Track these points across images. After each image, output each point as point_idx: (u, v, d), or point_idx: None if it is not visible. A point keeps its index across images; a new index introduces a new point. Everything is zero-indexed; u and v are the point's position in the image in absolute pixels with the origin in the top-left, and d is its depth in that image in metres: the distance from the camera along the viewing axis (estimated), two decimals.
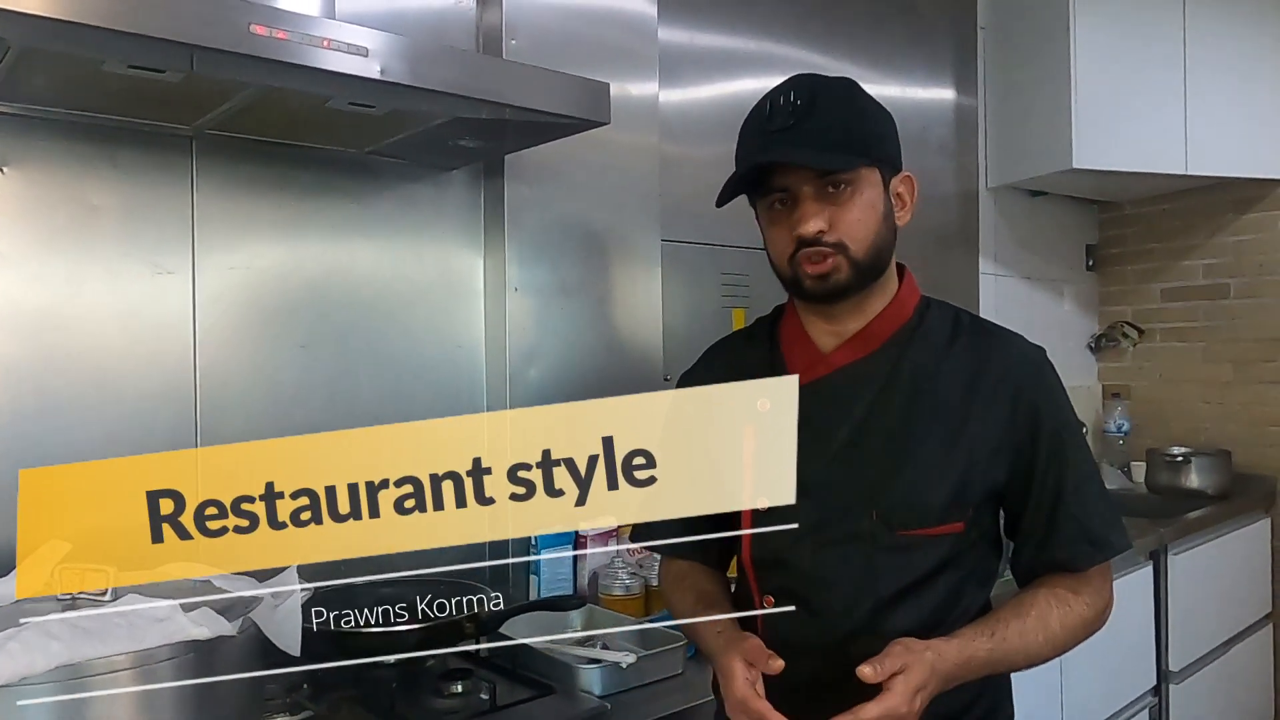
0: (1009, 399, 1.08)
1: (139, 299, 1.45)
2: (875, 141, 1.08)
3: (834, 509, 1.08)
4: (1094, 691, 2.39)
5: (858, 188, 1.06)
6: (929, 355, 1.11)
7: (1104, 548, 1.08)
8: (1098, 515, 1.08)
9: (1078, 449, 1.10)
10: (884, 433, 1.08)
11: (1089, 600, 1.08)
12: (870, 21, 2.64)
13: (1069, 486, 1.07)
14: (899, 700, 0.95)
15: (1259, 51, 3.02)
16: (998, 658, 1.03)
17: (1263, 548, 3.11)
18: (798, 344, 1.17)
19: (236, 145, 1.53)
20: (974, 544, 1.09)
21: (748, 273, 2.26)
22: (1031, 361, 1.12)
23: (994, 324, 1.17)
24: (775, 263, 1.13)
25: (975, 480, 1.07)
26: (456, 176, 1.80)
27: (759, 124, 1.08)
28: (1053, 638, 1.06)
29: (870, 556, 1.06)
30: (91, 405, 1.41)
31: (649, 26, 2.00)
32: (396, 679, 1.39)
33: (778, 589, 1.12)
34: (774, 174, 1.06)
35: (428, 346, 1.76)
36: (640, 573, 1.76)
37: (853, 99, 1.09)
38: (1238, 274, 3.23)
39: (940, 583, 1.07)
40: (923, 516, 1.06)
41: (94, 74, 1.20)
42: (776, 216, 1.09)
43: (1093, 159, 2.88)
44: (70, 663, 0.92)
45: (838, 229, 1.05)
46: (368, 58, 1.20)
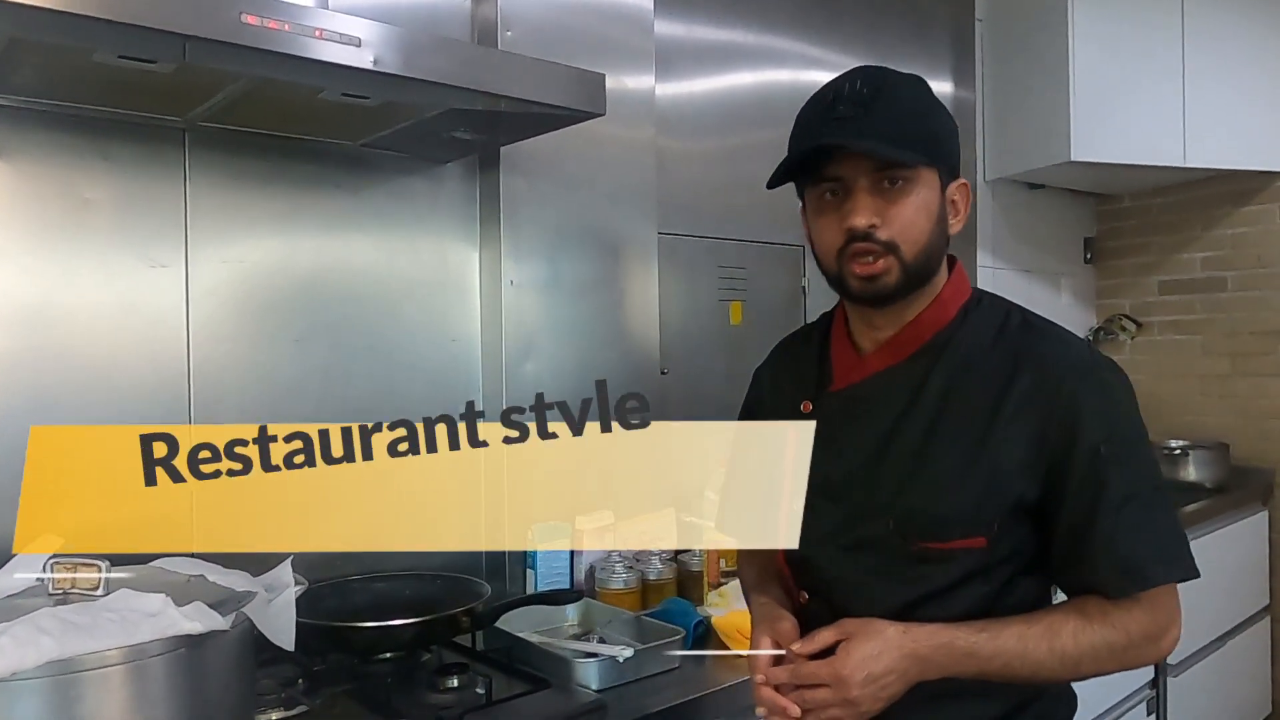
0: (1042, 407, 1.00)
1: (132, 293, 1.44)
2: (938, 142, 1.05)
3: (855, 515, 1.08)
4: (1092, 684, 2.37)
5: (915, 187, 1.02)
6: (963, 362, 1.06)
7: (1138, 578, 0.98)
8: (1141, 541, 0.98)
9: (1126, 467, 0.99)
10: (907, 444, 1.05)
11: (1120, 625, 0.99)
12: (868, 14, 2.62)
13: (1106, 508, 0.98)
14: (843, 664, 0.98)
15: (1257, 43, 3.01)
16: (987, 653, 0.98)
17: (1260, 540, 3.11)
18: (841, 345, 1.16)
19: (229, 137, 1.52)
20: (1003, 560, 1.03)
21: (744, 266, 2.25)
22: (1077, 370, 1.02)
23: (1048, 324, 1.09)
24: (821, 257, 1.09)
25: (999, 495, 1.01)
26: (452, 169, 1.79)
27: (821, 109, 1.04)
28: (1061, 651, 0.98)
29: (888, 564, 1.06)
30: (84, 399, 1.40)
31: (645, 19, 1.99)
32: (392, 673, 1.38)
33: (809, 586, 1.15)
34: (829, 163, 1.02)
35: (423, 341, 1.75)
36: (637, 566, 1.76)
37: (920, 96, 1.06)
38: (1236, 267, 3.22)
39: (962, 597, 1.03)
40: (938, 530, 1.02)
41: (85, 65, 1.19)
42: (826, 206, 1.05)
43: (1091, 151, 2.87)
44: (61, 657, 0.91)
45: (891, 226, 1.01)
46: (360, 48, 1.19)
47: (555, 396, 1.80)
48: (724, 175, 2.24)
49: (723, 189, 2.23)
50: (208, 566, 1.22)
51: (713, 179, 2.22)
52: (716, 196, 2.22)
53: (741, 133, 2.29)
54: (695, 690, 1.40)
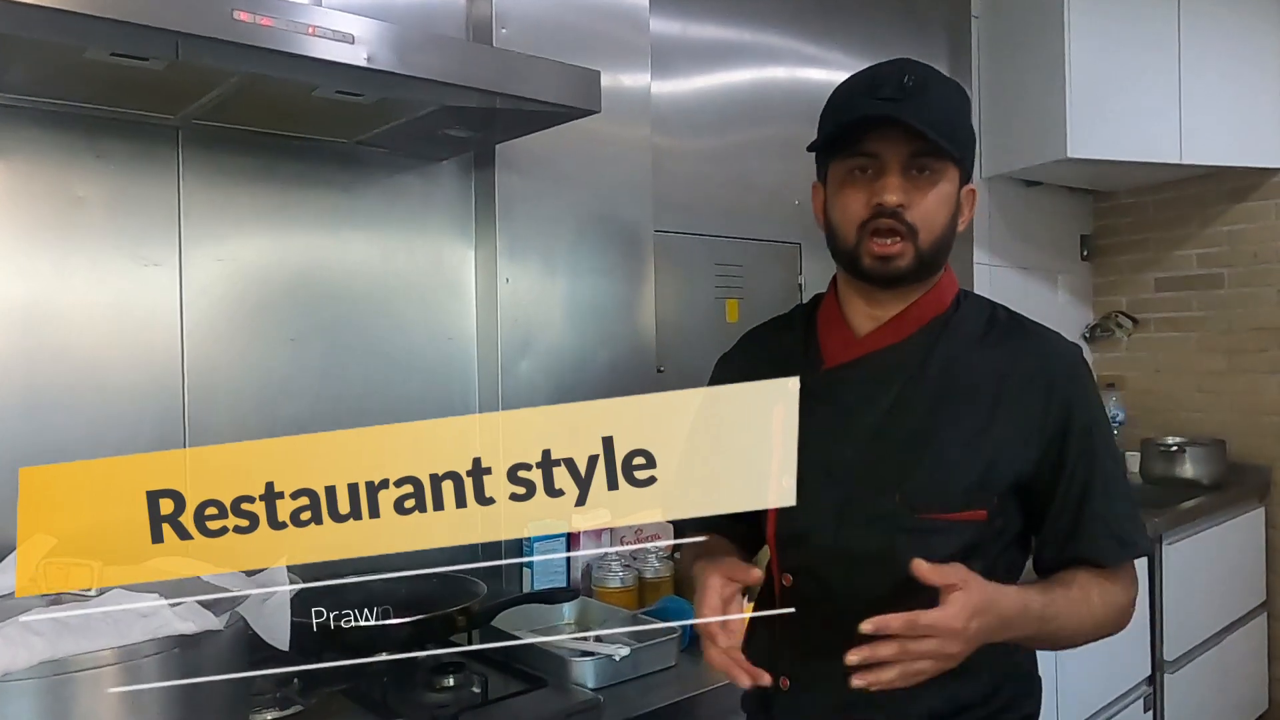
0: (1042, 393, 1.07)
1: (124, 291, 1.44)
2: (968, 144, 1.11)
3: (858, 490, 1.09)
4: (1089, 680, 2.39)
5: (941, 179, 1.07)
6: (961, 346, 1.11)
7: (1130, 547, 1.08)
8: (1125, 515, 1.08)
9: (1107, 449, 1.09)
10: (912, 418, 1.08)
11: (1120, 588, 1.08)
12: (865, 11, 2.62)
13: (1097, 484, 1.07)
14: (954, 613, 0.92)
15: (1253, 40, 3.01)
16: (1050, 616, 1.01)
17: (1257, 537, 3.12)
18: (833, 326, 1.17)
19: (223, 135, 1.51)
20: (998, 534, 1.08)
21: (741, 263, 2.25)
22: (1066, 359, 1.12)
23: (1031, 321, 1.16)
24: (838, 227, 1.11)
25: (1001, 469, 1.06)
26: (447, 167, 1.78)
27: (863, 89, 1.07)
28: (1095, 613, 1.05)
29: (891, 538, 1.06)
30: (77, 399, 1.39)
31: (641, 17, 1.98)
32: (388, 672, 1.37)
33: (797, 567, 1.13)
34: (865, 140, 1.05)
35: (418, 339, 1.75)
36: (634, 565, 1.76)
37: (961, 99, 1.11)
38: (1232, 264, 3.22)
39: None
40: (945, 500, 1.05)
41: (77, 62, 1.19)
42: (855, 180, 1.08)
43: (1087, 148, 2.87)
44: (53, 658, 0.90)
45: (915, 211, 1.06)
46: (354, 45, 1.18)
47: (550, 395, 1.81)
48: (720, 173, 2.24)
49: (719, 187, 2.23)
50: (205, 570, 1.21)
51: (709, 177, 2.21)
52: (713, 194, 2.21)
53: (738, 130, 2.29)
54: (692, 689, 1.40)
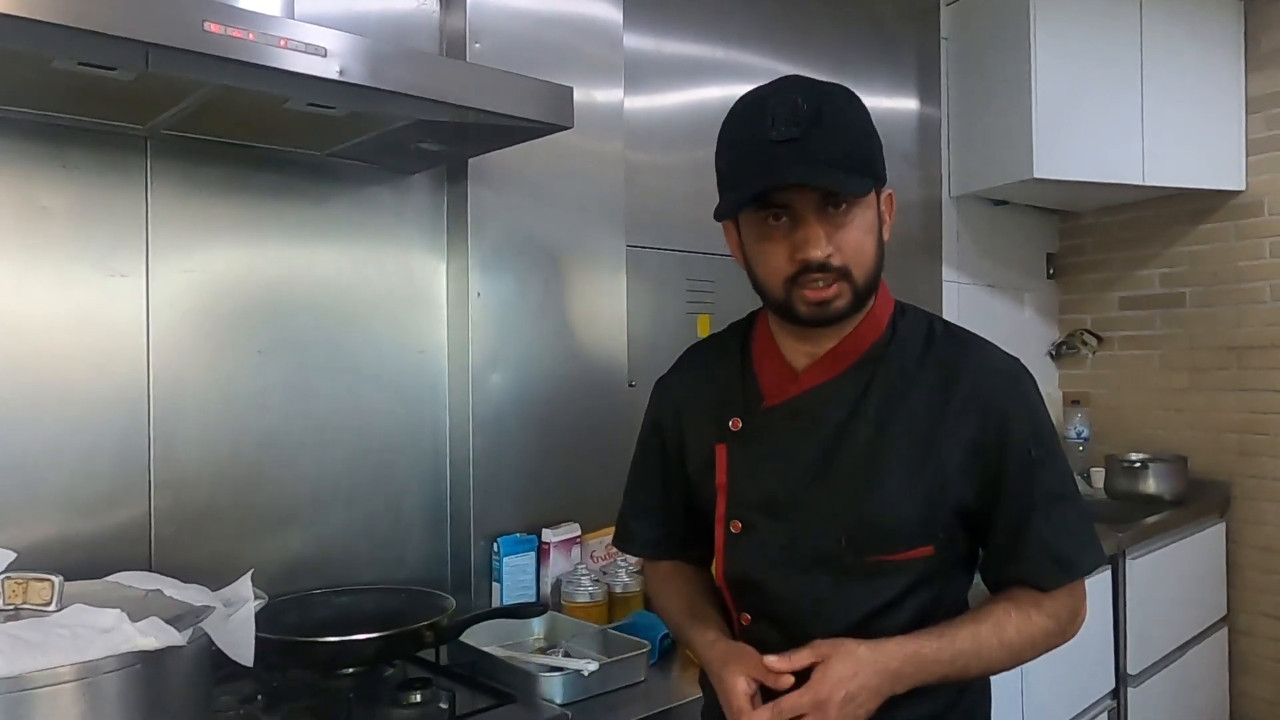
0: (978, 414, 1.04)
1: (90, 303, 1.42)
2: (877, 160, 1.04)
3: (803, 532, 1.07)
4: (1054, 695, 2.42)
5: (859, 209, 1.02)
6: (900, 373, 1.08)
7: (1069, 568, 1.06)
8: (1068, 534, 1.05)
9: (1051, 465, 1.06)
10: (852, 456, 1.05)
11: (1051, 613, 1.06)
12: (836, 31, 2.65)
13: (1038, 504, 1.04)
14: (820, 688, 0.97)
15: (1214, 66, 3.08)
16: (948, 657, 1.01)
17: (1218, 552, 3.17)
18: (769, 361, 1.14)
19: (193, 146, 1.50)
20: (943, 565, 1.07)
21: (713, 279, 2.26)
22: (1002, 374, 1.08)
23: (968, 333, 1.13)
24: (765, 282, 1.06)
25: (944, 503, 1.04)
26: (419, 180, 1.78)
27: (759, 131, 1.00)
28: (1008, 644, 1.04)
29: (839, 582, 1.05)
30: (42, 412, 1.37)
31: (614, 33, 2.00)
32: (354, 688, 1.36)
33: (752, 608, 1.12)
34: (775, 190, 1.00)
35: (388, 352, 1.74)
36: (604, 579, 1.75)
37: (856, 112, 1.04)
38: (1193, 283, 3.29)
39: (909, 605, 1.06)
40: (891, 542, 1.04)
41: (44, 72, 1.17)
42: (772, 233, 1.02)
43: (1052, 169, 2.92)
44: (10, 675, 0.89)
45: (842, 252, 1.01)
46: (326, 58, 1.18)
47: (522, 409, 1.81)
48: (692, 188, 2.25)
49: (691, 202, 2.24)
50: (165, 581, 1.20)
51: (681, 192, 2.23)
52: (685, 210, 2.23)
53: (710, 147, 2.26)
54: (661, 704, 1.40)
